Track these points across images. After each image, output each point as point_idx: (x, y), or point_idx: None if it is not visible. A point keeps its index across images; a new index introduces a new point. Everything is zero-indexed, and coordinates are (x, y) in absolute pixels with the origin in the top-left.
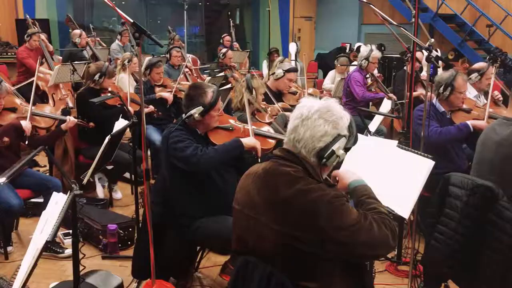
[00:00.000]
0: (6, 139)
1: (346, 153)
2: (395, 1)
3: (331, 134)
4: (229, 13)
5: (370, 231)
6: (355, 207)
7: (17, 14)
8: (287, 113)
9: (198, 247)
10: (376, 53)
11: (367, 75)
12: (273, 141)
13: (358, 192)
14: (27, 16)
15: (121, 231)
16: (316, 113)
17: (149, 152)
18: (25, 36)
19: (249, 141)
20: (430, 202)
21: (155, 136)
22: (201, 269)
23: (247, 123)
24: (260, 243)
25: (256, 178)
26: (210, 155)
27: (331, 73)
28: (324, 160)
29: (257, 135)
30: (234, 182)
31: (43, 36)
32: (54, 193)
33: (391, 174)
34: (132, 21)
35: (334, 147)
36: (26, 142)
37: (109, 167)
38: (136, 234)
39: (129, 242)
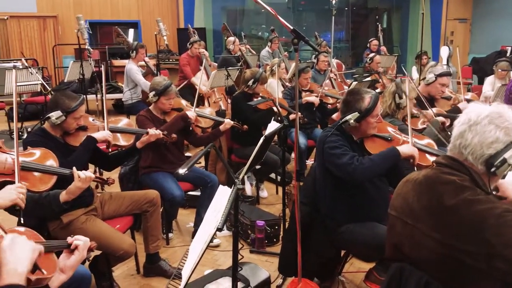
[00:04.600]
0: (174, 135)
1: None
2: None
3: (503, 141)
4: (376, 17)
5: None
6: None
7: (178, 23)
8: (439, 118)
9: (343, 251)
10: None
11: None
12: (433, 159)
13: None
14: (189, 25)
15: (268, 228)
16: (486, 118)
17: (292, 155)
18: (188, 44)
19: (406, 149)
20: None
21: (300, 139)
22: (344, 273)
23: (406, 132)
24: (417, 251)
25: (417, 185)
26: (366, 166)
27: (490, 79)
28: (494, 168)
29: (417, 149)
30: (386, 191)
31: (202, 49)
32: (220, 186)
33: None
34: (291, 28)
35: (506, 155)
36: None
37: (257, 167)
38: (282, 232)
39: (274, 239)
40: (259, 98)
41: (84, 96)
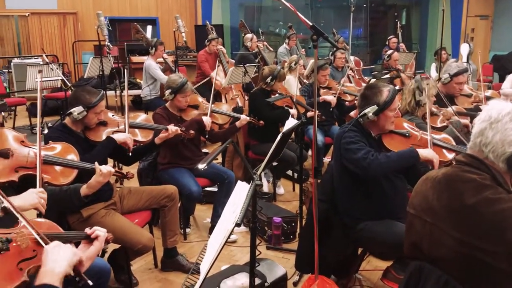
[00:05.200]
0: (192, 132)
1: None
2: None
3: None
4: (395, 13)
5: None
6: None
7: (196, 20)
8: (463, 121)
9: (360, 249)
10: None
11: None
12: (451, 155)
13: None
14: (207, 22)
15: (284, 225)
16: (508, 115)
17: (309, 152)
18: (206, 41)
19: (426, 153)
20: None
21: (318, 136)
22: (361, 271)
23: (424, 130)
24: (436, 249)
25: (436, 183)
26: (381, 161)
27: (511, 77)
28: None
29: (435, 145)
30: (404, 189)
31: (220, 46)
32: (239, 182)
33: None
34: (311, 24)
35: None
36: (206, 136)
37: (274, 164)
38: (298, 229)
39: (291, 236)
40: (277, 95)
41: (104, 91)
